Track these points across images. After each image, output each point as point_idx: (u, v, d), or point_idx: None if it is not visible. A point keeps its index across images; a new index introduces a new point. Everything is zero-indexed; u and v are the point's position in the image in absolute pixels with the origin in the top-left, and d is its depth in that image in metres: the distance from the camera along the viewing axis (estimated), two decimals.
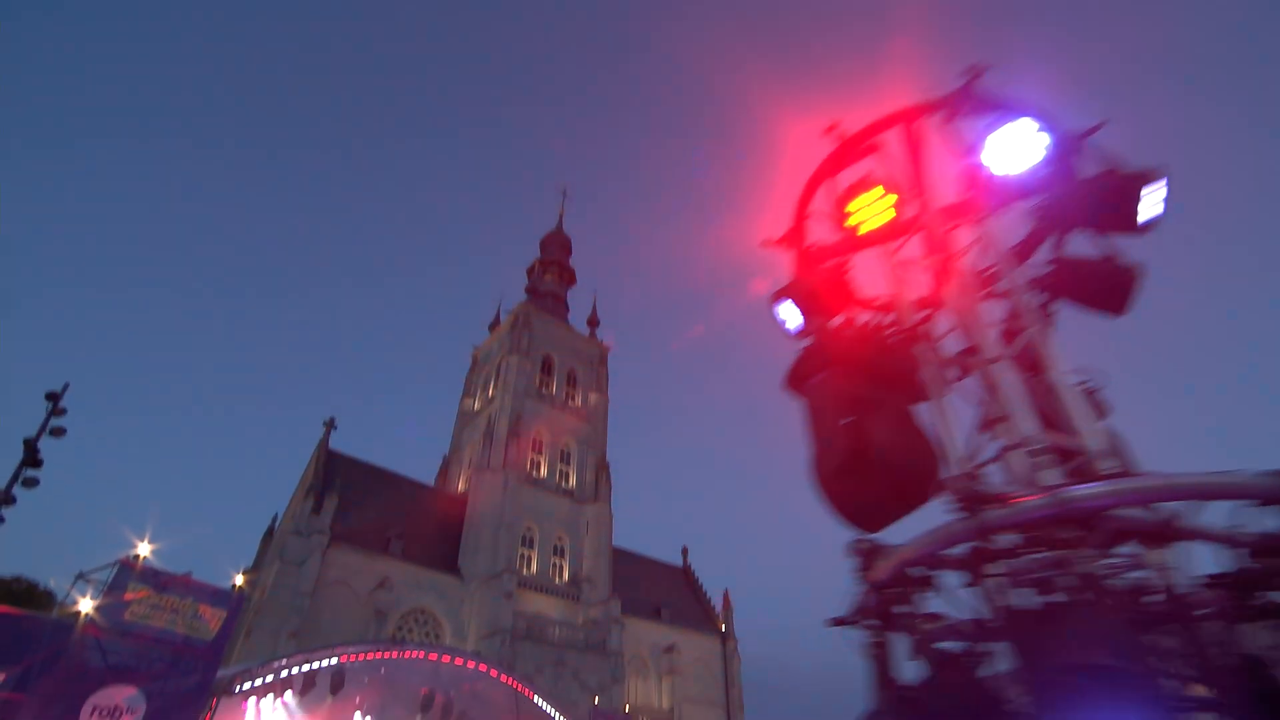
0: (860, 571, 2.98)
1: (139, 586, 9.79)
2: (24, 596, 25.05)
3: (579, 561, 45.53)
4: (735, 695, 48.37)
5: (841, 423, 1.93)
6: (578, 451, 50.29)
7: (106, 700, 8.93)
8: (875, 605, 2.90)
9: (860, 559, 2.96)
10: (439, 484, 50.10)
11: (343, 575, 34.48)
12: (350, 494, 37.67)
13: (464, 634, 37.36)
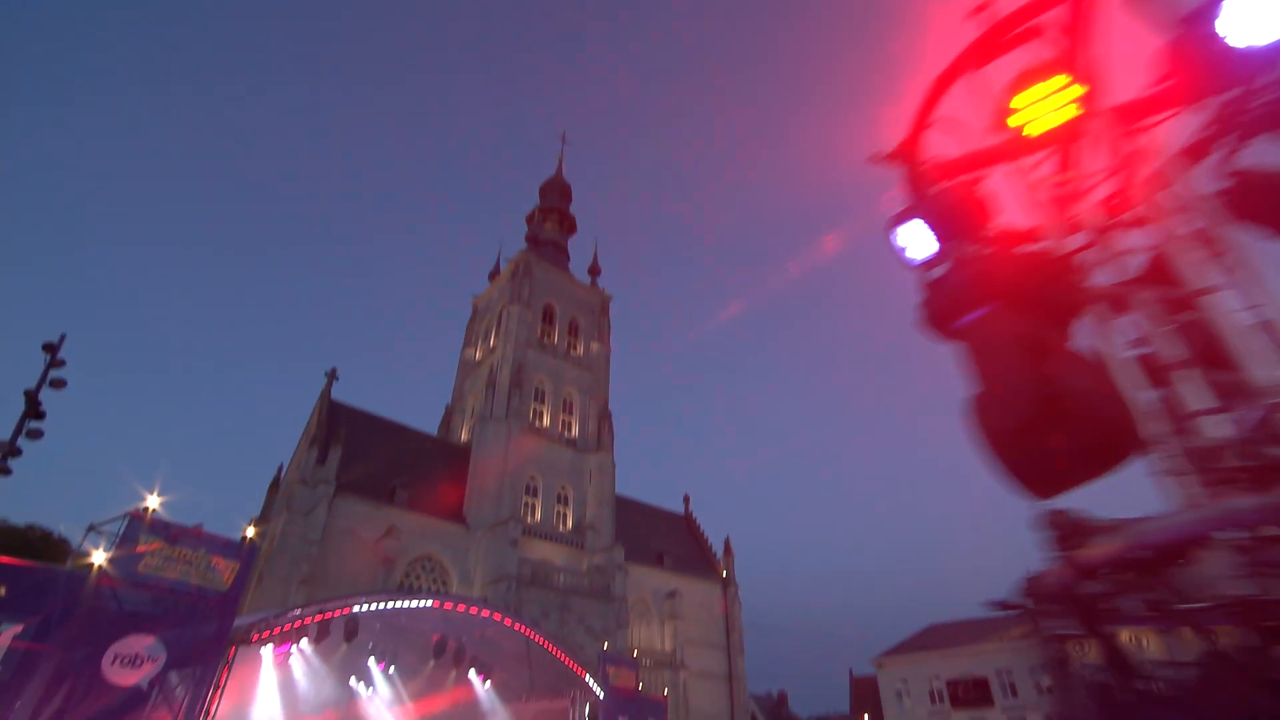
0: (1057, 549, 2.69)
1: (151, 539, 9.67)
2: (40, 544, 25.26)
3: (582, 510, 46.11)
4: (735, 639, 49.80)
5: (1023, 370, 1.60)
6: (580, 401, 50.35)
7: (127, 649, 8.92)
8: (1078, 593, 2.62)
9: (1057, 533, 2.66)
10: (442, 434, 50.29)
11: (350, 524, 34.85)
12: (354, 444, 37.74)
13: (470, 580, 38.07)
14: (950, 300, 1.82)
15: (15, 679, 7.91)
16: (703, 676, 45.85)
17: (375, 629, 16.11)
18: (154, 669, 9.15)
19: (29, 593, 8.29)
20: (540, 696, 18.25)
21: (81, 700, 8.37)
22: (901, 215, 2.02)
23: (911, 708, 40.75)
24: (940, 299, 1.86)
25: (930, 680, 40.69)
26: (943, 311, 1.87)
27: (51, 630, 8.29)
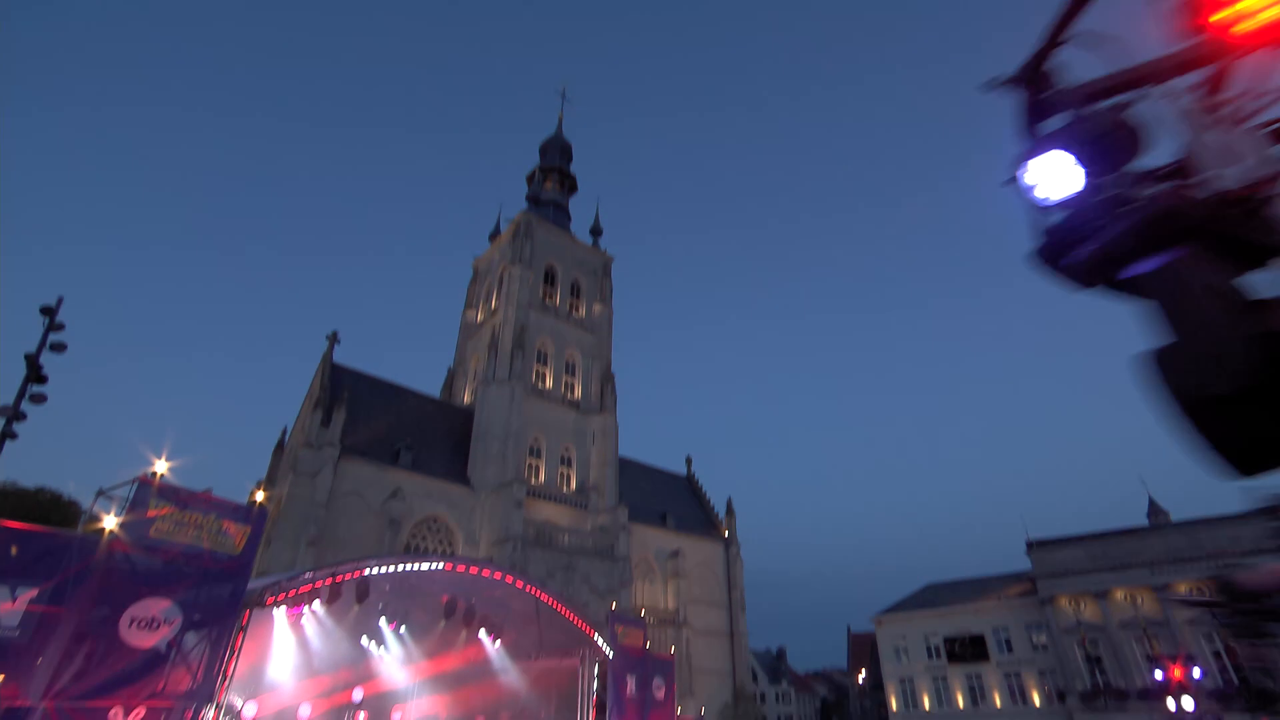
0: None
1: (161, 503, 9.58)
2: (49, 507, 25.35)
3: (586, 471, 46.39)
4: (737, 596, 50.73)
5: (1235, 324, 1.36)
6: (583, 363, 50.20)
7: (143, 612, 8.92)
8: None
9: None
10: (444, 396, 50.29)
11: (355, 487, 35.05)
12: (357, 407, 37.74)
13: (476, 541, 38.49)
14: (1121, 244, 1.56)
15: (35, 641, 7.90)
16: (705, 634, 46.84)
17: (385, 590, 16.20)
18: (171, 632, 9.15)
19: (43, 556, 8.23)
20: (550, 655, 18.52)
21: (101, 662, 8.39)
22: (1039, 145, 1.74)
23: (909, 663, 41.68)
24: (1108, 243, 1.59)
25: (927, 637, 41.54)
26: (1108, 257, 1.61)
27: (67, 594, 8.25)
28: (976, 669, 39.13)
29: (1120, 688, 33.55)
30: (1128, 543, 36.83)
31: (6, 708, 7.47)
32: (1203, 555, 34.08)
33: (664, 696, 19.29)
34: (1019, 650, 38.29)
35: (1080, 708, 34.06)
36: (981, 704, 38.31)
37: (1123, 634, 34.53)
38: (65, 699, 7.98)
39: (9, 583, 7.88)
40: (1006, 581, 42.60)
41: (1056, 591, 36.63)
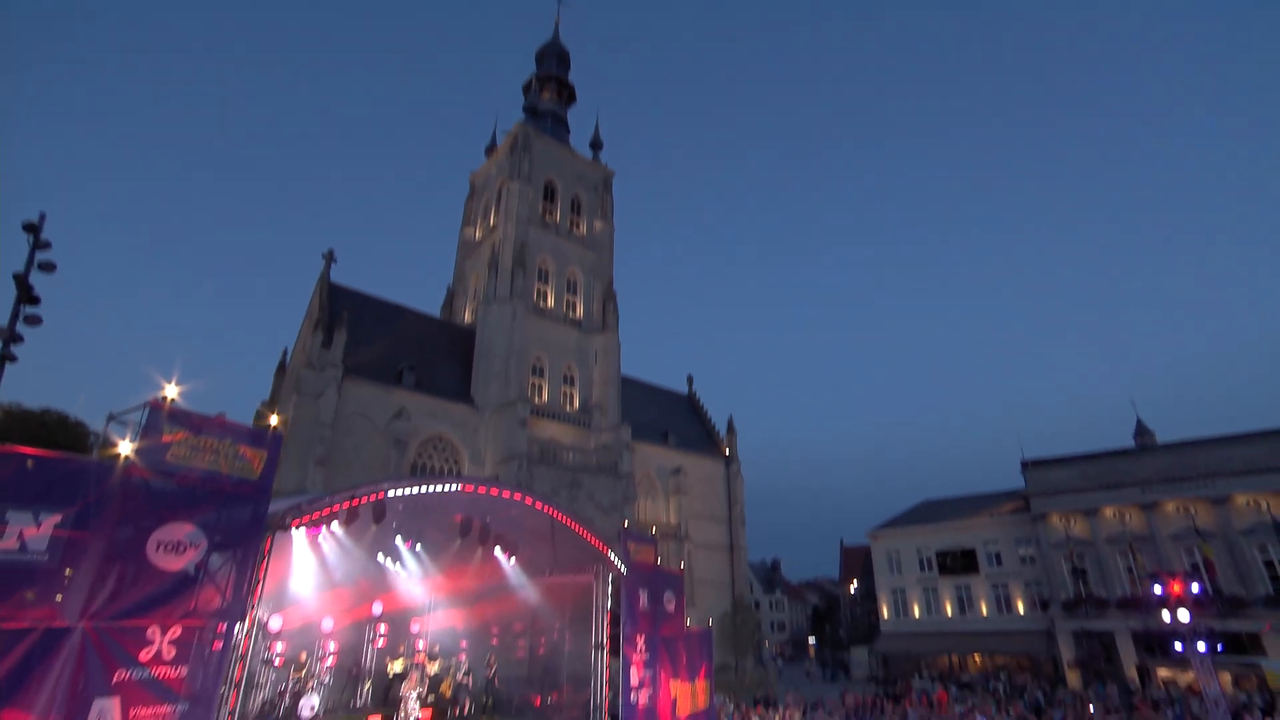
0: None
1: (175, 429, 9.32)
2: (56, 428, 25.31)
3: (589, 390, 46.63)
4: (737, 512, 52.27)
5: None
6: (584, 281, 49.48)
7: (169, 536, 8.85)
8: None
9: None
10: (445, 316, 49.84)
11: (360, 407, 35.14)
12: (358, 328, 37.34)
13: (481, 460, 39.08)
14: None
15: (64, 564, 7.85)
16: (706, 548, 48.56)
17: (399, 510, 16.29)
18: (197, 555, 9.12)
19: (61, 481, 8.05)
20: (564, 572, 18.97)
21: (133, 584, 8.37)
22: None
23: (902, 574, 43.46)
24: None
25: (920, 551, 43.12)
26: None
27: (90, 519, 8.12)
28: (966, 580, 40.87)
29: (1101, 597, 35.14)
30: (1121, 463, 37.62)
31: (45, 628, 7.47)
32: (1193, 475, 34.88)
33: (674, 609, 19.95)
34: (1007, 563, 39.87)
35: (1062, 615, 35.77)
36: (969, 612, 40.26)
37: (1108, 548, 35.83)
38: (101, 619, 8.00)
39: (31, 508, 7.71)
40: (999, 499, 43.84)
41: (1049, 509, 37.72)
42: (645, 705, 17.71)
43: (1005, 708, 20.54)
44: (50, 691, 7.42)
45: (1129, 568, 35.15)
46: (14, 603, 7.34)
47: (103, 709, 7.89)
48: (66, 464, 8.33)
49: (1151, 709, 20.94)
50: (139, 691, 8.21)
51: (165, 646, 8.57)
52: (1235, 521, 33.65)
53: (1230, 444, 35.99)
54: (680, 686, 19.19)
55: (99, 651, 7.93)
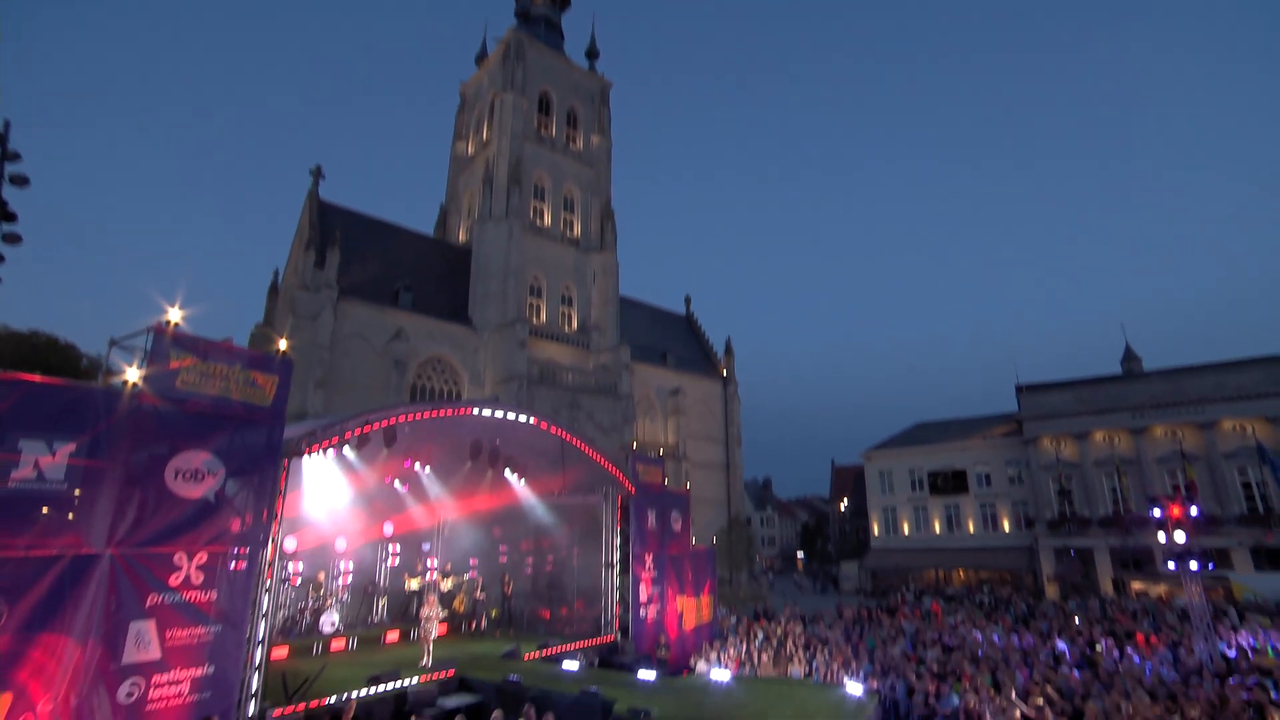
0: None
1: (182, 354, 8.97)
2: (46, 350, 24.79)
3: (587, 310, 46.18)
4: (734, 432, 53.06)
5: None
6: (581, 198, 48.02)
7: (185, 464, 8.68)
8: None
9: None
10: (439, 234, 48.54)
11: (357, 329, 34.65)
12: (351, 247, 36.31)
13: (481, 381, 39.04)
14: None
15: (85, 493, 7.69)
16: (703, 466, 49.55)
17: (406, 432, 16.21)
18: (216, 482, 8.99)
19: (71, 410, 7.78)
20: (572, 493, 19.22)
21: (155, 512, 8.28)
22: None
23: (893, 494, 44.73)
24: None
25: (913, 471, 44.20)
26: None
27: (103, 448, 7.90)
28: (955, 500, 42.16)
29: (1084, 516, 36.42)
30: (1114, 388, 38.09)
31: (74, 555, 7.40)
32: (1184, 401, 35.42)
33: (680, 528, 20.43)
34: (996, 484, 41.04)
35: (1045, 533, 37.17)
36: (956, 530, 41.77)
37: (1095, 470, 36.81)
38: (128, 546, 7.94)
39: (43, 437, 7.46)
40: (991, 422, 44.60)
41: (1041, 433, 38.43)
42: (654, 619, 18.38)
43: (995, 619, 21.51)
44: (86, 615, 7.45)
45: (1114, 489, 36.25)
46: (39, 531, 7.23)
47: (139, 631, 7.96)
48: (73, 391, 8.02)
49: (1130, 618, 22.04)
50: (172, 614, 8.28)
51: (193, 572, 8.59)
52: (1220, 445, 34.48)
53: (1221, 371, 36.41)
54: (686, 601, 19.89)
55: (129, 577, 7.92)
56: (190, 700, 8.36)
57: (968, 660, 13.77)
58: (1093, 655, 14.97)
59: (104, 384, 8.72)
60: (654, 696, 10.96)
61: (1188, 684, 12.73)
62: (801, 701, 10.57)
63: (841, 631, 19.17)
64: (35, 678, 6.98)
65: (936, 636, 17.76)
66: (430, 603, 14.13)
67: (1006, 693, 11.11)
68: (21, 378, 7.57)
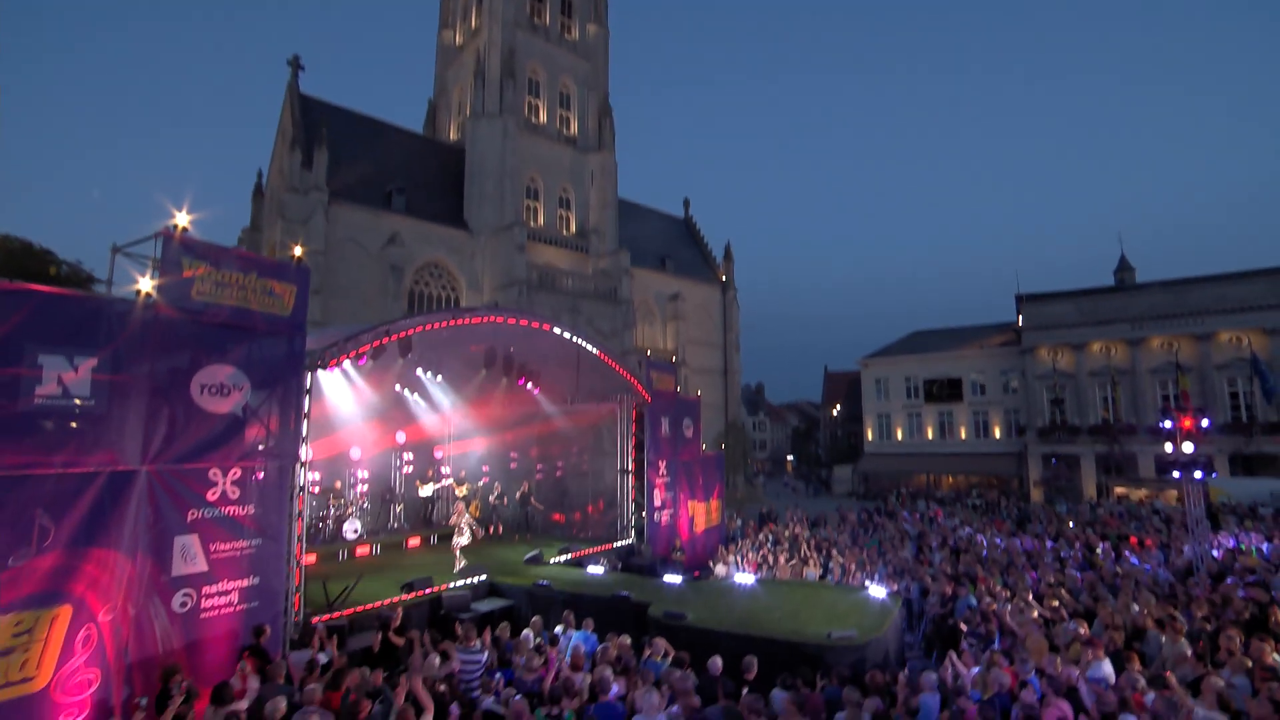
0: None
1: (195, 262, 8.40)
2: (22, 255, 23.71)
3: (585, 213, 44.80)
4: (732, 338, 53.06)
5: None
6: (578, 94, 45.40)
7: (210, 379, 8.35)
8: None
9: None
10: (428, 132, 46.11)
11: (350, 233, 33.40)
12: (339, 146, 34.35)
13: (479, 286, 38.27)
14: None
15: (114, 410, 7.39)
16: (701, 372, 49.84)
17: (419, 341, 15.87)
18: (242, 397, 8.70)
19: (86, 323, 7.35)
20: (585, 400, 19.19)
21: (185, 428, 8.04)
22: None
23: (889, 401, 45.52)
24: None
25: (908, 379, 44.78)
26: None
27: (124, 362, 7.51)
28: (949, 407, 43.02)
29: (1075, 425, 37.36)
30: (1115, 299, 38.09)
31: (111, 471, 7.19)
32: (1184, 313, 35.54)
33: (692, 435, 20.66)
34: (990, 393, 41.77)
35: (1036, 440, 38.26)
36: (949, 436, 42.90)
37: (1089, 380, 37.42)
38: (163, 463, 7.72)
39: (62, 351, 7.04)
40: (988, 331, 44.83)
41: (1039, 343, 38.71)
42: (667, 523, 18.88)
43: (991, 522, 22.34)
44: (131, 530, 7.35)
45: (1105, 399, 37.00)
46: (73, 449, 6.96)
47: (184, 545, 7.92)
48: (88, 303, 7.53)
49: (1119, 521, 23.00)
50: (213, 528, 8.21)
51: (229, 487, 8.46)
52: (1214, 356, 34.96)
53: (1223, 282, 36.38)
54: (697, 506, 20.40)
55: (168, 493, 7.77)
56: (241, 609, 8.45)
57: (978, 563, 14.27)
58: (1093, 558, 15.58)
59: (111, 294, 8.19)
60: (683, 600, 11.29)
61: (1185, 584, 13.33)
62: (830, 603, 10.93)
63: (849, 534, 19.85)
64: (92, 590, 6.95)
65: (942, 540, 18.44)
66: (460, 510, 14.33)
67: (1023, 594, 11.55)
68: (32, 288, 7.04)
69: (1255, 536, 19.89)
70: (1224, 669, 8.20)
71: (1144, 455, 35.03)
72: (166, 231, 8.42)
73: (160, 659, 7.54)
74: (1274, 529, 21.75)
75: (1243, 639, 9.25)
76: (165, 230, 8.44)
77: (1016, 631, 9.93)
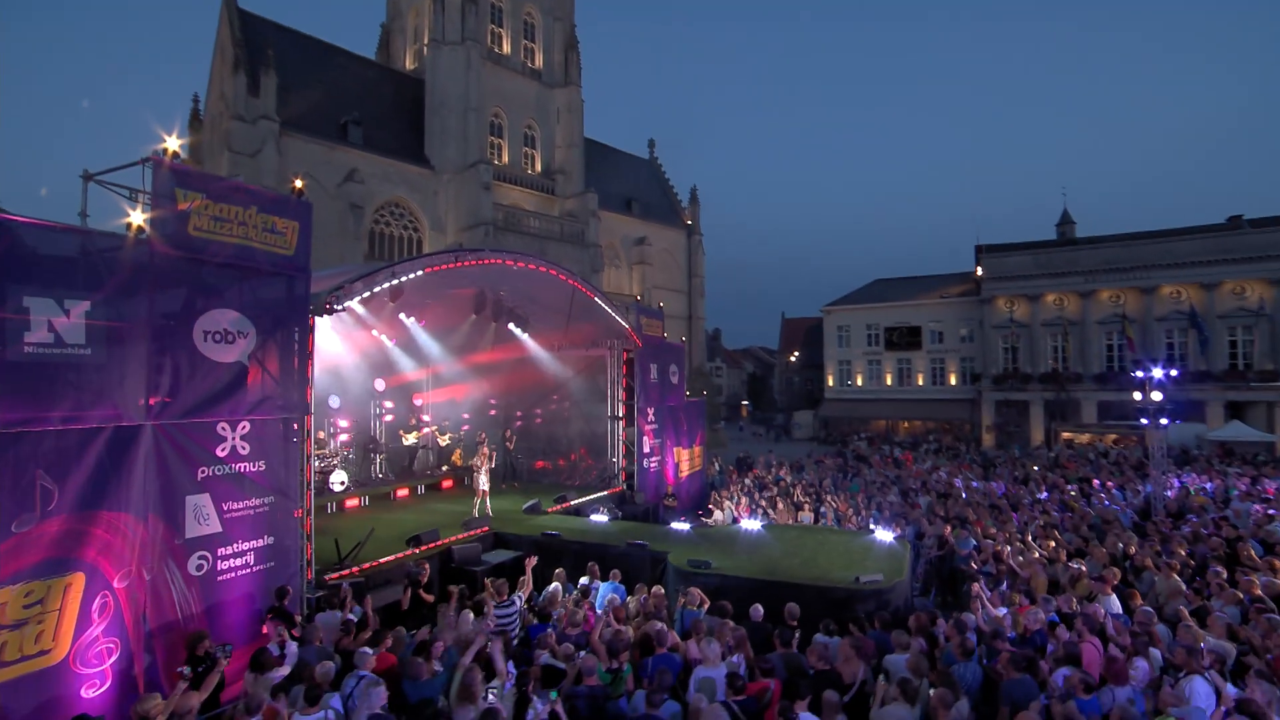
0: None
1: (189, 194, 7.50)
2: None
3: (550, 152, 43.16)
4: (697, 284, 52.83)
5: None
6: (544, 24, 43.00)
7: (214, 325, 7.62)
8: None
9: None
10: (381, 59, 43.01)
11: (305, 168, 31.09)
12: (287, 72, 31.62)
13: (442, 226, 36.67)
14: None
15: (112, 360, 6.62)
16: (667, 318, 49.48)
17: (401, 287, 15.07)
18: (248, 344, 7.99)
19: (76, 260, 6.50)
20: (576, 347, 18.77)
21: (190, 379, 7.32)
22: None
23: (850, 348, 46.46)
24: None
25: (869, 327, 45.70)
26: None
27: (120, 306, 6.71)
28: (908, 355, 44.27)
29: (1027, 372, 39.05)
30: (1070, 252, 39.36)
31: (115, 427, 6.51)
32: (1132, 266, 37.07)
33: (677, 380, 20.59)
34: (948, 341, 43.10)
35: (990, 387, 39.88)
36: (907, 383, 44.29)
37: (1042, 330, 38.95)
38: (169, 417, 7.04)
39: (50, 293, 6.21)
40: (947, 281, 45.91)
41: (998, 293, 39.89)
42: (655, 470, 18.91)
43: (960, 465, 23.27)
44: (140, 490, 6.73)
45: (1056, 347, 38.68)
46: (71, 402, 6.23)
47: (197, 505, 7.35)
48: (74, 236, 6.62)
49: (1075, 465, 24.33)
50: (225, 486, 7.66)
51: (238, 442, 7.85)
52: (1155, 309, 36.75)
53: (1169, 238, 37.98)
54: (682, 452, 20.49)
55: (176, 450, 7.13)
56: (258, 570, 7.99)
57: (968, 506, 14.82)
58: (1068, 499, 16.40)
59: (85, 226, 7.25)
60: (697, 547, 11.31)
61: (1153, 522, 14.19)
62: (843, 548, 11.14)
63: (831, 479, 20.34)
64: (104, 555, 6.39)
65: (922, 484, 19.10)
66: (484, 455, 14.18)
67: (1013, 536, 12.05)
68: (9, 217, 6.12)
69: (1195, 478, 21.39)
70: (1214, 601, 8.78)
71: (1088, 402, 37.02)
72: (155, 157, 7.47)
73: (180, 624, 7.07)
74: (1207, 470, 23.44)
75: (1227, 573, 9.94)
76: (154, 156, 7.48)
77: (1019, 572, 10.34)
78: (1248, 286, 34.69)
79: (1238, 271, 34.73)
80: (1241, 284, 34.86)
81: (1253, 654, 6.93)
